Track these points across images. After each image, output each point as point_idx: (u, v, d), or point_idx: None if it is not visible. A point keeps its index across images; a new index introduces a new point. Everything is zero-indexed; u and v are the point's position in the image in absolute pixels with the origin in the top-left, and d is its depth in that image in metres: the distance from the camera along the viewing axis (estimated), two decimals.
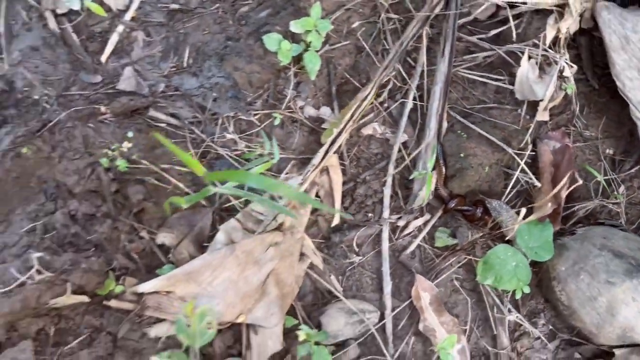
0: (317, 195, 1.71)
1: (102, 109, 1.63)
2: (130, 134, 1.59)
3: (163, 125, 1.64)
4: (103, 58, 1.71)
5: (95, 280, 1.38)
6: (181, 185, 1.54)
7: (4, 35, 1.65)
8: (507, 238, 1.70)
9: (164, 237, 1.52)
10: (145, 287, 1.44)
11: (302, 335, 1.45)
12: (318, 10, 1.69)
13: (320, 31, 1.70)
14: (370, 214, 1.75)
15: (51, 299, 1.32)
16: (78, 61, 1.69)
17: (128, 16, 1.74)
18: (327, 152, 1.68)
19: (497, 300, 1.70)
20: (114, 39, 1.73)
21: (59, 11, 1.69)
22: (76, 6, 1.64)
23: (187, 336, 1.24)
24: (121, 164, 1.50)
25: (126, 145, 1.53)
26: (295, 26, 1.70)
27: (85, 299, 1.37)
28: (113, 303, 1.44)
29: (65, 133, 1.58)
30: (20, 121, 1.58)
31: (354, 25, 1.88)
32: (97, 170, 1.51)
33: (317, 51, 1.71)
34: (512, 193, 1.79)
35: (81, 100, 1.65)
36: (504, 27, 1.89)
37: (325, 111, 1.79)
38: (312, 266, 1.66)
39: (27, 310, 1.33)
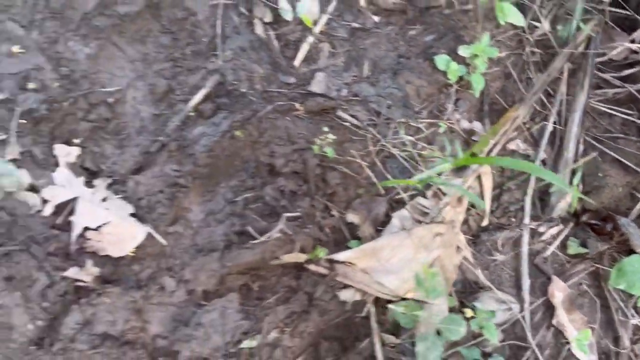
0: None
1: (297, 105, 1.90)
2: (325, 129, 1.85)
3: (348, 124, 1.90)
4: (296, 63, 1.99)
5: (311, 244, 1.63)
6: (371, 174, 1.80)
7: (219, 36, 1.94)
8: (637, 251, 1.92)
9: (353, 217, 1.77)
10: (341, 256, 1.68)
11: (468, 312, 1.68)
12: (487, 40, 1.95)
13: (486, 56, 1.96)
14: (512, 219, 1.98)
15: (282, 255, 1.57)
16: (276, 63, 1.97)
17: (317, 30, 2.02)
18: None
19: (622, 305, 1.90)
20: (304, 48, 2.00)
21: (265, 20, 1.98)
22: (289, 17, 1.92)
23: (425, 290, 1.47)
24: (329, 151, 1.76)
25: (331, 136, 1.79)
26: (464, 51, 1.96)
27: (305, 257, 1.62)
28: (312, 267, 1.68)
29: (270, 123, 1.85)
30: (233, 109, 1.86)
31: (502, 55, 2.14)
32: (304, 155, 1.77)
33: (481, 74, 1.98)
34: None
35: (280, 96, 1.92)
36: (635, 70, 2.15)
37: (476, 125, 2.04)
38: (463, 258, 1.89)
39: (260, 263, 1.58)
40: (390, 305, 1.54)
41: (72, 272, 1.62)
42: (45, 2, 1.85)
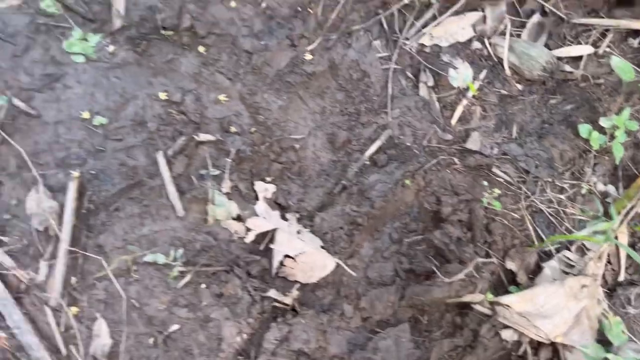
0: (607, 254, 2.10)
1: (456, 160, 2.10)
2: (484, 183, 2.05)
3: (501, 180, 2.10)
4: (452, 122, 2.20)
5: (486, 287, 1.81)
6: (530, 227, 1.98)
7: (389, 96, 2.18)
8: None
9: (511, 264, 1.94)
10: (505, 299, 1.84)
11: (611, 357, 1.81)
12: (627, 113, 2.13)
13: (625, 128, 2.14)
14: None
15: (465, 294, 1.75)
16: (436, 122, 2.19)
17: (470, 94, 2.24)
18: (622, 222, 2.09)
19: None
20: (459, 109, 2.22)
21: (429, 84, 2.21)
22: (455, 84, 2.15)
23: (612, 335, 1.63)
24: (496, 204, 1.96)
25: (496, 191, 1.99)
26: (605, 122, 2.14)
27: (482, 298, 1.79)
28: (478, 307, 1.85)
29: (434, 174, 2.06)
30: (402, 160, 2.07)
31: None
32: (471, 206, 1.97)
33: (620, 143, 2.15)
34: None
35: (440, 151, 2.13)
36: None
37: (610, 188, 2.20)
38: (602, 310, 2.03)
39: (443, 299, 1.76)
40: (579, 347, 1.69)
41: (272, 293, 1.82)
42: (248, 59, 2.12)
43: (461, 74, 2.16)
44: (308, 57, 2.15)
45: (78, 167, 1.87)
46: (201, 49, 2.10)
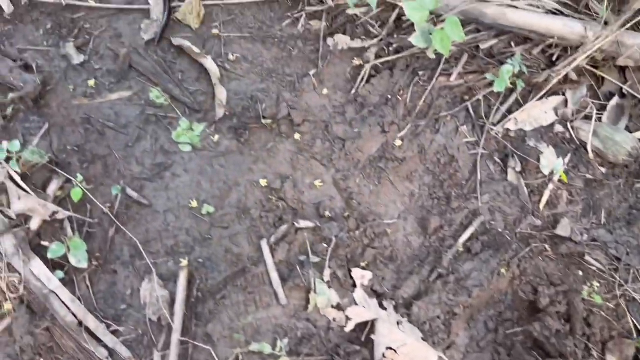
0: None
1: (547, 247, 2.09)
2: (579, 273, 2.03)
3: (594, 268, 2.07)
4: (540, 207, 2.20)
5: None
6: (631, 321, 1.95)
7: (479, 181, 2.19)
8: None
9: (611, 358, 1.90)
10: None
11: None
12: None
13: None
14: None
15: None
16: (525, 207, 2.18)
17: (557, 178, 2.24)
18: None
19: None
20: (546, 194, 2.22)
21: (517, 169, 2.22)
22: (546, 171, 2.15)
23: None
24: (597, 298, 1.93)
25: (595, 284, 1.97)
26: None
27: None
28: None
29: (527, 263, 2.05)
30: (495, 247, 2.07)
31: None
32: (569, 298, 1.95)
33: None
34: None
35: (531, 238, 2.12)
36: None
37: None
38: None
39: None
40: None
41: None
42: (341, 145, 2.17)
43: (551, 162, 2.17)
44: (398, 142, 2.18)
45: (186, 255, 1.91)
46: (297, 136, 2.15)
